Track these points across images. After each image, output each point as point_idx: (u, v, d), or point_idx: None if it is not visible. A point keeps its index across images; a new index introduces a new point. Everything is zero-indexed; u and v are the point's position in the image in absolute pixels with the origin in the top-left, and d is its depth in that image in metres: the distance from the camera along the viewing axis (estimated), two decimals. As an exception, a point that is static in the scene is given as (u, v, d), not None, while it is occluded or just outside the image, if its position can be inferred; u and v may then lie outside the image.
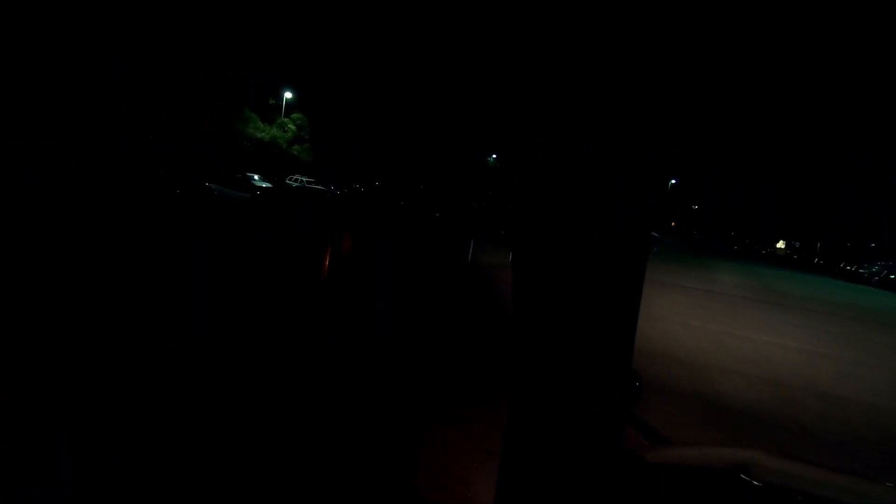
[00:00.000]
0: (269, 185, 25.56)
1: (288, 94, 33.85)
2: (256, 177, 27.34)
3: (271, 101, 32.93)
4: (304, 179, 30.91)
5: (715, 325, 8.33)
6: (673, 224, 64.67)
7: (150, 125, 24.90)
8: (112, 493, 2.36)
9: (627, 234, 1.14)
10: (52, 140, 17.40)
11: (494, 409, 3.49)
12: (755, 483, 0.95)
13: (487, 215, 28.40)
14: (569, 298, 1.08)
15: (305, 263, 7.30)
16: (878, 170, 41.37)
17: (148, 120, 24.96)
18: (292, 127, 33.36)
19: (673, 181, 60.04)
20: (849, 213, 43.32)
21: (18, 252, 6.24)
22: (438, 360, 4.66)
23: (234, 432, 2.96)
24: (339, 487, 2.67)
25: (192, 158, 25.55)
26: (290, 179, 30.79)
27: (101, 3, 22.12)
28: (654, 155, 1.21)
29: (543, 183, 1.19)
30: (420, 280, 9.04)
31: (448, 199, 36.85)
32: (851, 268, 29.92)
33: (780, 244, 49.14)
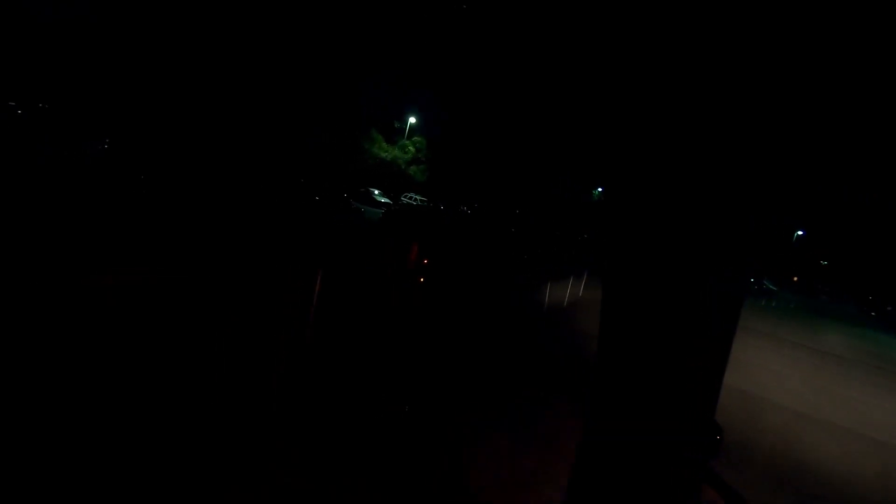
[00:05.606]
0: (388, 200, 28.24)
1: (412, 119, 37.05)
2: (376, 191, 30.08)
3: (396, 125, 36.29)
4: (418, 198, 33.40)
5: (838, 390, 8.25)
6: (795, 279, 58.40)
7: (297, 139, 28.96)
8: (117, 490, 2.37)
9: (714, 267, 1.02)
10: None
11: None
12: None
13: (592, 248, 28.52)
14: (657, 327, 0.99)
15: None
16: None
17: (295, 134, 29.07)
18: (412, 149, 36.35)
19: (800, 232, 54.51)
20: None
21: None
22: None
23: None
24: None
25: (326, 171, 29.20)
26: (404, 197, 33.42)
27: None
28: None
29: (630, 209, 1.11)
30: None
31: (549, 226, 37.28)
32: None
33: (933, 316, 42.18)
